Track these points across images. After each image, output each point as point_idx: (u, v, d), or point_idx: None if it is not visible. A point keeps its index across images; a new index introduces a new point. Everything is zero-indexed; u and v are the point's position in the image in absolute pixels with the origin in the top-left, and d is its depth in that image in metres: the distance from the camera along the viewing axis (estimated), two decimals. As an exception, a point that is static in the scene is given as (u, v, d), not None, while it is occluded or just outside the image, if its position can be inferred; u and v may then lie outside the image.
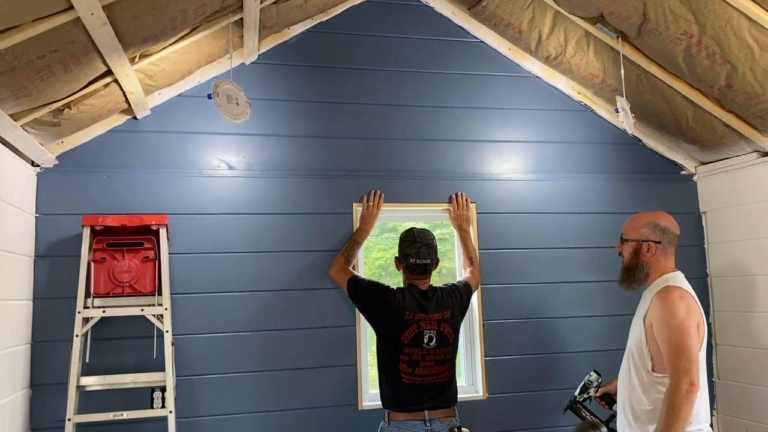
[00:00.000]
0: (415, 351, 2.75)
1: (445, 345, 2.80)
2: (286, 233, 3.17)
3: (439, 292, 2.88)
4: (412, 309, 2.78)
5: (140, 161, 3.04)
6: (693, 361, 2.25)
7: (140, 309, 2.80)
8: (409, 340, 2.75)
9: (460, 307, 2.92)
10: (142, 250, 2.85)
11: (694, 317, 2.34)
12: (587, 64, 3.33)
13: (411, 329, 2.76)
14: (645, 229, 2.49)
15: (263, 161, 3.20)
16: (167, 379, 2.77)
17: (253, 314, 3.09)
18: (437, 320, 2.80)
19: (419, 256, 2.81)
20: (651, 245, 2.47)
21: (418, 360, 2.76)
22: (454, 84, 3.51)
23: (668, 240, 2.48)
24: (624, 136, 3.71)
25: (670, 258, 2.51)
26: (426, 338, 2.76)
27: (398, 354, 2.76)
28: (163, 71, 2.76)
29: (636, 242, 2.50)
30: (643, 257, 2.48)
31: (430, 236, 2.87)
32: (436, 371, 2.78)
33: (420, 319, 2.77)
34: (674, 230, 2.51)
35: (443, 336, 2.80)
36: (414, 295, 2.82)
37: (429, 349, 2.76)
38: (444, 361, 2.80)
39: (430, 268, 2.85)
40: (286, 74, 3.29)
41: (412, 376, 2.75)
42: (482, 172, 3.47)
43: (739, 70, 2.78)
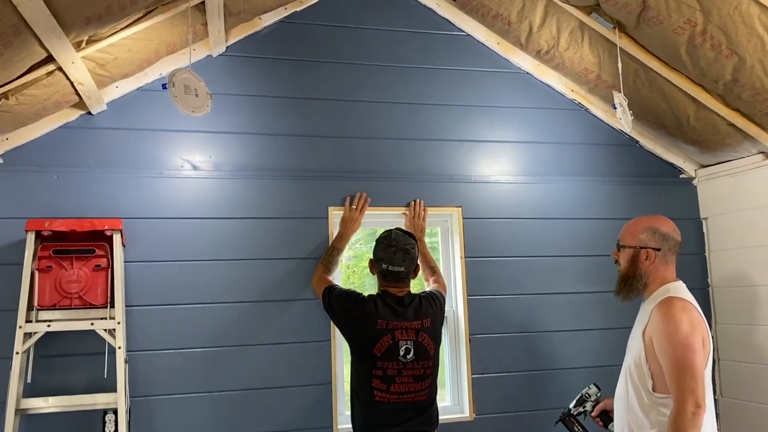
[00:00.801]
0: (389, 365, 2.47)
1: (424, 358, 2.52)
2: (256, 239, 2.92)
3: (417, 299, 2.61)
4: (385, 317, 2.51)
5: (95, 160, 2.78)
6: (698, 381, 2.04)
7: (90, 323, 2.53)
8: (383, 353, 2.47)
9: (441, 317, 2.68)
10: (94, 257, 2.59)
11: (698, 331, 2.12)
12: (581, 59, 3.11)
13: (384, 340, 2.48)
14: (643, 235, 2.29)
15: (231, 161, 2.94)
16: (119, 401, 2.49)
17: (219, 328, 2.83)
18: (415, 329, 2.52)
19: (392, 263, 2.55)
20: (650, 252, 2.27)
21: (394, 375, 2.47)
22: (439, 80, 3.28)
23: (669, 247, 2.28)
24: (620, 137, 3.49)
25: (671, 266, 2.30)
26: (402, 350, 2.48)
27: (371, 369, 2.48)
28: (116, 60, 2.51)
29: (633, 249, 2.30)
30: (641, 265, 2.28)
31: (409, 241, 2.61)
32: (414, 389, 2.49)
33: (395, 328, 2.49)
34: (675, 236, 2.30)
35: (422, 348, 2.52)
36: (388, 302, 2.55)
37: (406, 362, 2.48)
38: (424, 377, 2.52)
39: (405, 277, 2.59)
40: (257, 67, 3.04)
41: (386, 393, 2.47)
42: (469, 174, 3.24)
43: (747, 62, 2.57)
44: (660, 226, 2.30)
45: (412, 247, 2.59)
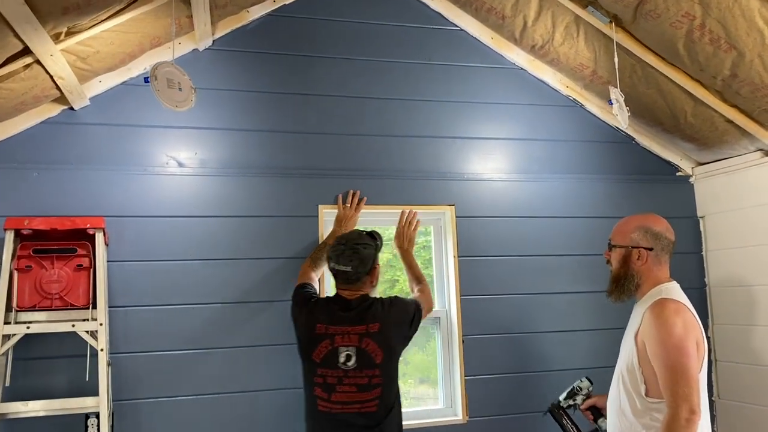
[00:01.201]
0: (329, 372, 2.31)
1: (368, 366, 2.30)
2: (244, 239, 2.84)
3: (369, 302, 2.39)
4: (324, 321, 2.35)
5: (77, 157, 2.70)
6: (693, 386, 1.97)
7: (71, 324, 2.45)
8: (322, 359, 2.31)
9: (400, 324, 2.41)
10: (75, 257, 2.51)
11: (692, 334, 2.05)
12: (576, 54, 3.04)
13: (322, 345, 2.32)
14: (635, 234, 2.22)
15: (218, 158, 2.87)
16: (101, 405, 2.42)
17: (206, 330, 2.75)
18: (358, 334, 2.32)
19: (338, 261, 2.37)
20: (642, 252, 2.19)
21: (334, 383, 2.30)
22: (431, 76, 3.21)
23: (661, 246, 2.21)
24: (615, 134, 3.43)
25: (665, 266, 2.23)
26: (342, 356, 2.30)
27: (312, 376, 2.34)
28: (97, 53, 2.42)
29: (625, 249, 2.23)
30: (633, 265, 2.21)
31: (362, 241, 2.41)
32: (359, 399, 2.29)
33: (335, 333, 2.32)
34: (668, 235, 2.23)
35: (365, 354, 2.30)
36: (332, 306, 2.39)
37: (347, 370, 2.30)
38: (369, 386, 2.30)
39: (354, 278, 2.37)
40: (245, 62, 2.96)
41: (328, 402, 2.31)
42: (462, 172, 3.17)
43: (747, 57, 2.51)
44: (652, 225, 2.23)
45: (364, 248, 2.39)
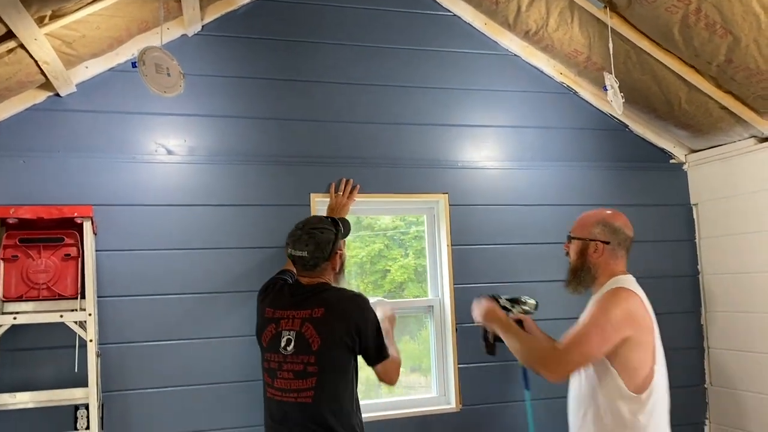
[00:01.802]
0: (272, 356, 2.22)
1: (304, 352, 2.14)
2: (234, 227, 2.81)
3: (321, 289, 2.26)
4: (274, 305, 2.29)
5: (64, 144, 2.65)
6: (576, 356, 2.08)
7: (59, 315, 2.41)
8: (267, 343, 2.24)
9: (346, 314, 2.20)
10: (63, 246, 2.47)
11: (627, 324, 2.07)
12: (571, 40, 3.01)
13: (269, 329, 2.25)
14: (594, 228, 2.26)
15: (208, 146, 2.82)
16: (90, 396, 2.38)
17: (195, 319, 2.72)
18: (301, 318, 2.19)
19: (294, 246, 2.25)
20: (599, 245, 2.24)
21: (275, 368, 2.20)
22: (424, 62, 3.17)
23: (618, 241, 2.24)
24: (609, 121, 3.41)
25: (621, 261, 2.27)
26: (284, 341, 2.18)
27: (262, 360, 2.29)
28: (83, 38, 2.37)
29: (583, 241, 2.27)
30: (589, 258, 2.25)
31: (321, 225, 2.28)
32: (296, 387, 2.15)
33: (280, 318, 2.23)
34: (626, 231, 2.27)
35: (303, 339, 2.15)
36: (286, 291, 2.32)
37: (286, 355, 2.17)
38: (304, 374, 2.14)
39: (311, 264, 2.24)
40: (234, 47, 2.91)
41: (272, 388, 2.22)
42: (455, 160, 3.14)
43: (742, 42, 2.48)
44: (611, 220, 2.27)
45: (321, 232, 2.26)
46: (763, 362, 3.07)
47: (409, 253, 3.35)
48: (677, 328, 3.38)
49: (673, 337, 3.35)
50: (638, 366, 2.08)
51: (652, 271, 3.36)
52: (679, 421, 3.33)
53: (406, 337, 3.32)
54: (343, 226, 2.45)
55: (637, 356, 2.08)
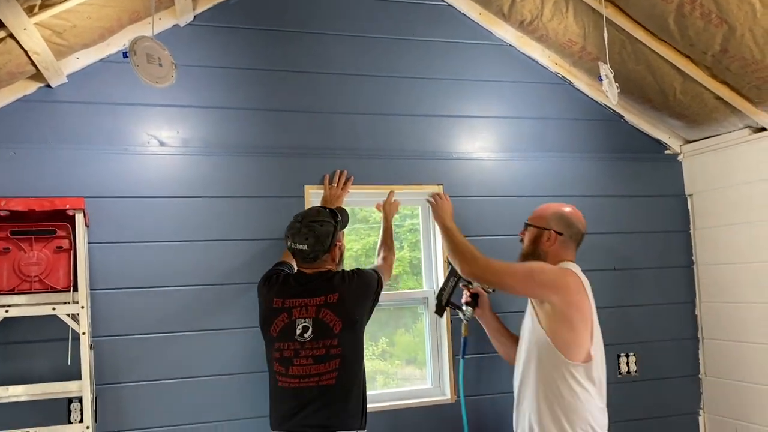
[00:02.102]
0: (286, 345, 2.26)
1: (325, 336, 2.24)
2: (228, 220, 2.79)
3: (329, 275, 2.35)
4: (282, 295, 2.32)
5: (55, 136, 2.62)
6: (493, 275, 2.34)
7: (52, 308, 2.39)
8: (278, 332, 2.28)
9: (361, 295, 2.36)
10: (55, 239, 2.45)
11: (555, 288, 2.25)
12: (566, 29, 3.00)
13: (280, 319, 2.29)
14: (550, 219, 2.43)
15: (200, 137, 2.80)
16: (83, 389, 2.37)
17: (189, 312, 2.71)
18: (316, 306, 2.27)
19: (293, 240, 2.32)
20: (552, 235, 2.40)
21: (291, 356, 2.24)
22: (418, 52, 3.15)
23: (570, 234, 2.41)
24: (604, 111, 3.40)
25: (570, 252, 2.43)
26: (299, 328, 2.25)
27: (271, 351, 2.31)
28: (74, 28, 2.34)
29: (538, 229, 2.43)
30: (542, 246, 2.42)
31: (320, 218, 2.34)
32: (316, 371, 2.22)
33: (293, 306, 2.28)
34: (580, 227, 2.44)
35: (323, 325, 2.25)
36: (292, 281, 2.37)
37: (303, 342, 2.24)
38: (326, 357, 2.23)
39: (311, 257, 2.32)
40: (227, 38, 2.89)
41: (286, 377, 2.25)
42: (450, 151, 3.13)
43: (737, 31, 2.47)
44: (568, 214, 2.43)
45: (321, 225, 2.32)
46: (757, 352, 3.08)
47: (404, 246, 3.34)
48: (672, 318, 3.39)
49: (667, 327, 3.39)
50: (572, 341, 2.21)
51: (648, 261, 3.37)
52: (674, 411, 3.37)
53: (402, 329, 3.32)
54: (342, 217, 2.49)
55: (571, 334, 2.21)
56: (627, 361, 3.28)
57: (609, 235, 3.32)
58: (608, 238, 3.31)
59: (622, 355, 3.28)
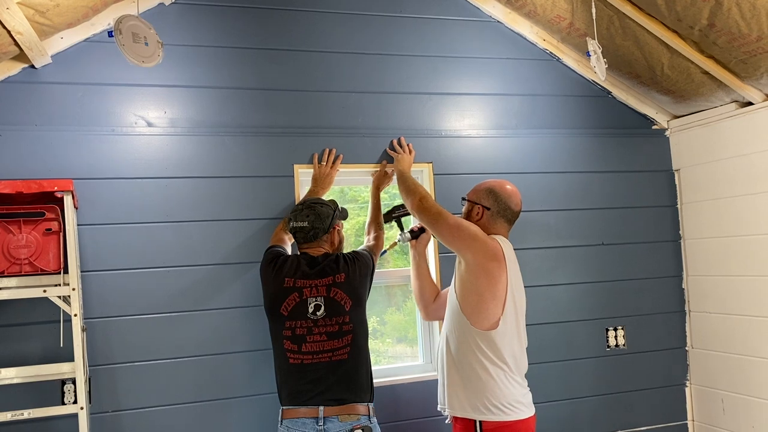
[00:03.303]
0: (298, 324, 2.35)
1: (337, 313, 2.37)
2: (217, 200, 2.78)
3: (333, 257, 2.47)
4: (293, 275, 2.40)
5: (41, 118, 2.60)
6: (445, 217, 2.38)
7: (42, 290, 2.38)
8: (290, 311, 2.36)
9: (362, 275, 2.49)
10: (44, 221, 2.43)
11: (479, 246, 2.29)
12: (553, 5, 2.99)
13: (291, 298, 2.38)
14: (480, 194, 2.48)
15: (188, 117, 2.78)
16: (77, 371, 2.37)
17: (181, 292, 2.71)
18: (326, 285, 2.39)
19: (296, 219, 2.49)
20: (480, 209, 2.45)
21: (304, 334, 2.34)
22: (406, 29, 3.13)
23: (498, 209, 2.44)
24: (592, 87, 3.41)
25: (500, 228, 2.45)
26: (311, 307, 2.36)
27: (281, 329, 2.38)
28: (57, 7, 2.31)
29: (470, 203, 2.50)
30: (471, 218, 2.47)
31: (320, 201, 2.55)
32: (329, 347, 2.34)
33: (303, 286, 2.38)
34: (508, 203, 2.45)
35: (335, 303, 2.38)
36: (300, 262, 2.45)
37: (316, 319, 2.35)
38: (339, 333, 2.36)
39: (312, 235, 2.48)
40: (213, 15, 2.85)
41: (299, 354, 2.34)
42: (439, 129, 3.13)
43: (724, 5, 2.48)
44: (498, 190, 2.45)
45: (321, 206, 2.51)
46: (743, 324, 3.13)
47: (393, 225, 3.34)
48: (659, 292, 3.43)
49: (655, 301, 3.43)
50: (476, 306, 2.26)
51: (635, 236, 3.40)
52: (661, 383, 3.43)
53: (392, 308, 3.34)
54: (342, 210, 2.62)
55: (476, 298, 2.27)
56: (615, 335, 3.32)
57: (597, 210, 3.34)
58: (596, 213, 3.34)
59: (611, 329, 3.32)
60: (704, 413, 3.37)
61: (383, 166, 2.98)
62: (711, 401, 3.32)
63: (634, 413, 3.35)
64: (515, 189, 2.48)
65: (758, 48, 2.64)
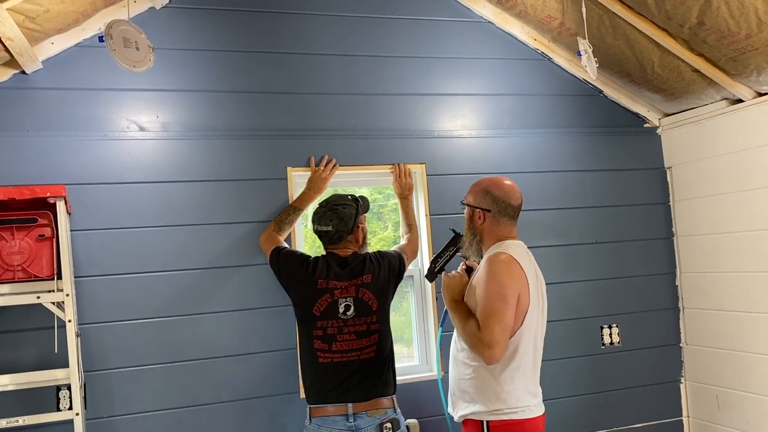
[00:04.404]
0: (329, 323, 2.43)
1: (366, 313, 2.46)
2: (210, 203, 2.78)
3: (361, 258, 2.55)
4: (325, 276, 2.47)
5: (32, 123, 2.59)
6: (498, 331, 2.08)
7: (36, 296, 2.38)
8: (322, 312, 2.44)
9: (388, 274, 2.56)
10: (37, 227, 2.43)
11: (516, 285, 2.15)
12: (544, 5, 3.00)
13: (323, 299, 2.44)
14: (476, 196, 2.36)
15: (181, 121, 2.78)
16: (71, 376, 2.37)
17: (175, 297, 2.71)
18: (355, 286, 2.47)
19: (319, 222, 2.53)
20: (481, 213, 2.34)
21: (334, 333, 2.43)
22: (398, 31, 3.14)
23: (499, 209, 2.31)
24: (584, 86, 3.42)
25: (505, 227, 2.33)
26: (342, 307, 2.44)
27: (312, 329, 2.45)
28: (47, 12, 2.30)
29: (470, 208, 2.38)
30: (475, 224, 2.36)
31: (342, 201, 2.54)
32: (358, 345, 2.43)
33: (334, 288, 2.46)
34: (508, 200, 2.32)
35: (363, 303, 2.47)
36: (330, 263, 2.51)
37: (346, 319, 2.43)
38: (368, 332, 2.45)
39: (336, 237, 2.52)
40: (204, 19, 2.85)
41: (329, 353, 2.42)
42: (432, 129, 3.14)
43: (713, 4, 2.49)
44: (492, 189, 2.33)
45: (344, 207, 2.51)
46: (736, 320, 3.14)
47: (389, 226, 3.35)
48: (653, 289, 3.45)
49: (649, 298, 3.45)
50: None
51: (628, 234, 3.42)
52: (656, 379, 3.44)
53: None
54: (363, 202, 2.62)
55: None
56: (610, 333, 3.34)
57: (590, 209, 3.36)
58: (589, 211, 3.35)
59: (605, 327, 3.34)
60: (699, 409, 3.38)
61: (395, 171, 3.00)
62: (706, 397, 3.33)
63: (630, 410, 3.36)
64: (512, 183, 2.37)
65: (747, 45, 2.65)
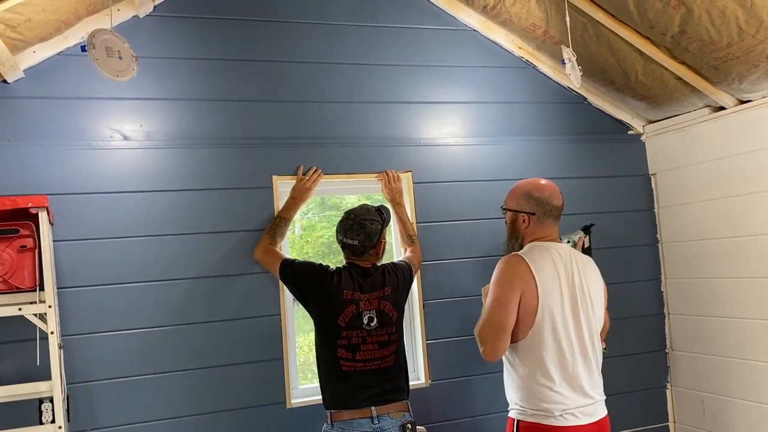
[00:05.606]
0: (354, 333, 2.50)
1: (387, 324, 2.55)
2: (195, 213, 2.76)
3: (381, 269, 2.63)
4: (350, 288, 2.52)
5: (14, 133, 2.56)
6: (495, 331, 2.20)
7: (18, 308, 2.34)
8: (347, 322, 2.49)
9: (403, 286, 2.67)
10: (18, 238, 2.39)
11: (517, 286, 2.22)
12: (528, 13, 3.02)
13: (349, 310, 2.50)
14: (519, 200, 2.41)
15: (165, 130, 2.76)
16: (54, 389, 2.33)
17: (160, 307, 2.68)
18: (378, 298, 2.55)
19: (345, 235, 2.57)
20: (525, 217, 2.38)
21: (358, 343, 2.50)
22: (383, 39, 3.14)
23: (543, 212, 2.36)
24: (568, 94, 3.44)
25: (547, 228, 2.38)
26: (366, 318, 2.51)
27: (336, 339, 2.50)
28: (29, 21, 2.28)
29: (513, 212, 2.43)
30: (519, 227, 2.41)
31: (369, 217, 2.57)
32: (380, 355, 2.52)
33: (359, 299, 2.52)
34: (550, 201, 2.37)
35: (385, 315, 2.55)
36: (353, 274, 2.56)
37: (369, 330, 2.51)
38: (388, 342, 2.54)
39: (360, 251, 2.57)
40: (188, 28, 2.84)
41: (352, 362, 2.48)
42: (418, 137, 3.14)
43: (695, 13, 2.52)
44: (534, 192, 2.37)
45: (371, 223, 2.56)
46: (721, 326, 3.17)
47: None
48: (638, 295, 3.46)
49: (634, 304, 3.47)
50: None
51: (613, 240, 3.43)
52: (642, 385, 3.45)
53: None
54: (386, 214, 2.69)
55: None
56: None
57: (575, 216, 3.35)
58: (574, 218, 3.34)
59: (592, 333, 3.34)
60: (685, 415, 3.40)
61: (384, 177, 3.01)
62: (691, 403, 3.35)
63: (616, 416, 3.34)
64: (550, 183, 2.41)
65: (729, 54, 2.68)
